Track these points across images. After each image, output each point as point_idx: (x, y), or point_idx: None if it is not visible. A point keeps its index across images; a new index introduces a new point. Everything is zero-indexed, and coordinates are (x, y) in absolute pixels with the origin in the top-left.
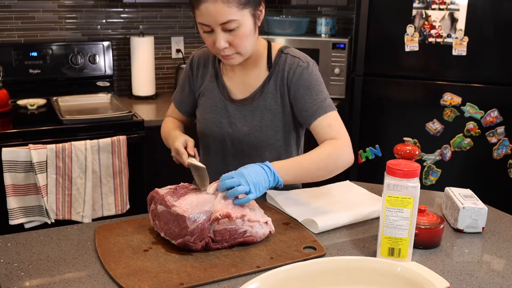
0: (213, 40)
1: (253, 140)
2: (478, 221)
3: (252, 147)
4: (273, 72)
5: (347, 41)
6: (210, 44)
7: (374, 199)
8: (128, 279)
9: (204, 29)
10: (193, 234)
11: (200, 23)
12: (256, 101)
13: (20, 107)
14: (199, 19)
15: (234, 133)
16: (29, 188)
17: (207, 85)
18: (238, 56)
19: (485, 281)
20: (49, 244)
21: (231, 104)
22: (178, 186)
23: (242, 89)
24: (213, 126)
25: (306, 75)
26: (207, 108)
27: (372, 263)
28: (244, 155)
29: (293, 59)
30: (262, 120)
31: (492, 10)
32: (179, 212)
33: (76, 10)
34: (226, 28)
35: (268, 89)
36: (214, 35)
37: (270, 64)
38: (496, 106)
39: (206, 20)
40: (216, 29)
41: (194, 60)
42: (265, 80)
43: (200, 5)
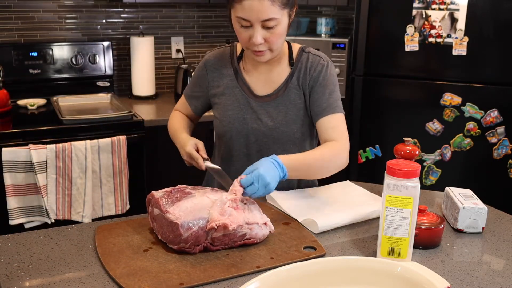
0: (249, 35)
1: (279, 135)
2: (478, 221)
3: (277, 142)
4: (295, 69)
5: (347, 41)
6: (245, 38)
7: (374, 199)
8: (128, 279)
9: (243, 23)
10: (187, 241)
11: (239, 17)
12: (280, 97)
13: (20, 107)
14: (240, 13)
15: (259, 128)
16: (29, 188)
17: (227, 84)
18: (269, 53)
19: (485, 281)
20: (49, 244)
21: (255, 100)
22: (174, 189)
23: (265, 86)
24: (237, 123)
25: (324, 74)
26: (229, 106)
27: (372, 263)
28: (269, 149)
29: (315, 57)
30: (287, 115)
31: (492, 10)
32: (172, 219)
33: (76, 10)
34: (266, 25)
35: (291, 85)
36: (251, 30)
37: (292, 61)
38: (496, 106)
39: (248, 15)
40: (256, 25)
41: (210, 62)
42: (288, 76)
43: (243, 1)
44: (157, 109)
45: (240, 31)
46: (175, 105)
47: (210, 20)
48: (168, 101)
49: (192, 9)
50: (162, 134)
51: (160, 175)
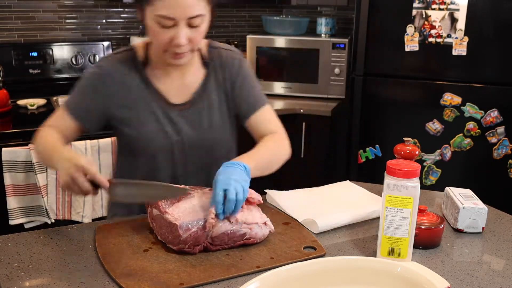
0: (171, 35)
1: (206, 143)
2: (478, 221)
3: (204, 151)
4: (210, 69)
5: (347, 41)
6: (165, 40)
7: (374, 199)
8: (128, 279)
9: (165, 23)
10: (186, 242)
11: (160, 16)
12: (200, 101)
13: (20, 107)
14: (161, 11)
15: (183, 139)
16: (29, 188)
17: (137, 96)
18: (189, 54)
19: (485, 281)
20: (49, 244)
21: (172, 110)
22: None
23: (180, 92)
24: (159, 139)
25: (242, 69)
26: (145, 121)
27: (372, 263)
28: (195, 160)
29: (227, 53)
30: (211, 120)
31: (492, 10)
32: (171, 220)
33: (76, 10)
34: (192, 23)
35: (210, 87)
36: (173, 30)
37: (205, 61)
38: (496, 106)
39: (173, 12)
40: (181, 23)
41: (108, 72)
42: (205, 78)
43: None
44: None
45: (159, 33)
46: (48, 121)
47: None
48: None
49: None
50: None
51: None
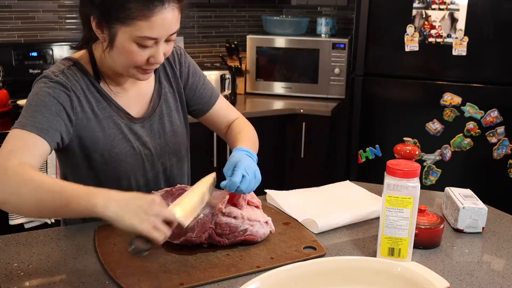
0: (150, 54)
1: (172, 148)
2: (478, 221)
3: (172, 156)
4: (159, 70)
5: (347, 41)
6: (142, 59)
7: (374, 199)
8: (128, 279)
9: (147, 43)
10: (194, 230)
11: (144, 37)
12: (159, 108)
13: (20, 107)
14: (146, 33)
15: (151, 152)
16: None
17: (100, 114)
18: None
19: (485, 281)
20: (49, 244)
21: (136, 123)
22: (174, 188)
23: (138, 103)
24: (129, 158)
25: (188, 62)
26: (113, 141)
27: (372, 263)
28: (165, 168)
29: None
30: (173, 123)
31: (492, 10)
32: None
33: (76, 10)
34: (170, 38)
35: (164, 90)
36: (153, 49)
37: None
38: (496, 106)
39: (157, 32)
40: (161, 41)
41: (70, 86)
42: (156, 82)
43: (152, 15)
44: None
45: (137, 52)
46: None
47: (210, 20)
48: None
49: (192, 9)
50: None
51: None
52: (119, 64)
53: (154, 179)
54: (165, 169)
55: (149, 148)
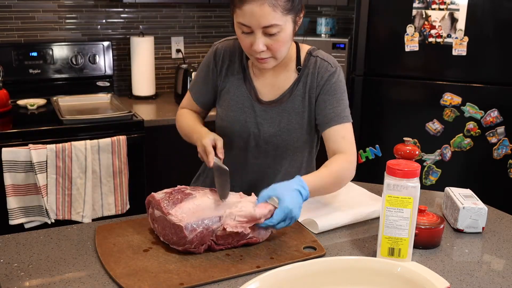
0: (250, 41)
1: (279, 142)
2: (478, 221)
3: (277, 149)
4: (302, 74)
5: (347, 41)
6: (246, 45)
7: (374, 199)
8: (128, 279)
9: (244, 29)
10: (193, 242)
11: (239, 23)
12: (285, 103)
13: (20, 107)
14: (240, 19)
15: (260, 133)
16: (29, 188)
17: (233, 82)
18: (272, 61)
19: (485, 281)
20: (49, 244)
21: (259, 105)
22: (174, 190)
23: (271, 91)
24: (238, 125)
25: (332, 81)
26: (233, 106)
27: (372, 263)
28: (267, 155)
29: (323, 63)
30: (290, 122)
31: (492, 10)
32: (175, 221)
33: (76, 10)
34: (267, 32)
35: (297, 92)
36: (252, 37)
37: (299, 66)
38: (496, 106)
39: (248, 21)
40: (257, 31)
41: (219, 53)
42: (294, 82)
43: (243, 5)
44: (157, 109)
45: (242, 38)
46: (181, 103)
47: (210, 20)
48: (168, 101)
49: (192, 9)
50: (162, 134)
51: (160, 175)
52: None
53: (255, 157)
54: (266, 156)
55: (259, 129)
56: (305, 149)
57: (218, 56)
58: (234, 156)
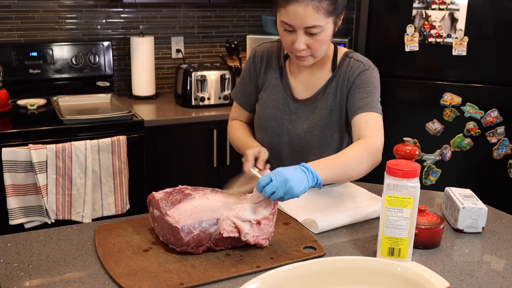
0: (292, 40)
1: (312, 138)
2: (478, 221)
3: (309, 145)
4: (336, 73)
5: (347, 41)
6: (288, 42)
7: (374, 199)
8: (128, 279)
9: (286, 28)
10: (189, 244)
11: (283, 22)
12: (318, 101)
13: (20, 107)
14: (283, 18)
15: (293, 130)
16: (29, 188)
17: (271, 81)
18: (311, 59)
19: (485, 281)
20: (49, 244)
21: (294, 103)
22: (174, 190)
23: (306, 89)
24: (273, 122)
25: (364, 76)
26: (269, 104)
27: (372, 263)
28: (301, 152)
29: (356, 63)
30: (322, 119)
31: (492, 10)
32: (172, 223)
33: (76, 10)
34: (309, 31)
35: (330, 90)
36: (294, 35)
37: (335, 66)
38: (496, 106)
39: (291, 20)
40: (299, 31)
41: (257, 56)
42: (328, 80)
43: (288, 5)
44: (157, 109)
45: (284, 35)
46: (231, 115)
47: (210, 20)
48: (168, 101)
49: (192, 9)
50: (162, 134)
51: (160, 175)
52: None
53: (289, 154)
54: (301, 153)
55: (293, 126)
56: (337, 147)
57: (256, 58)
58: (275, 151)
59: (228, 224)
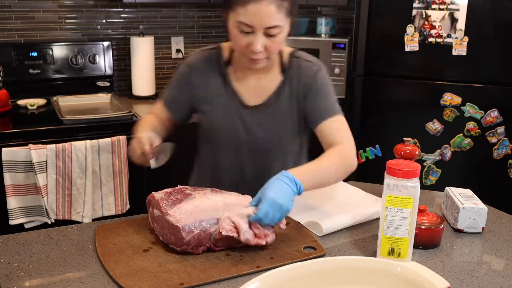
0: (249, 41)
1: (272, 146)
2: (478, 221)
3: (270, 153)
4: (287, 76)
5: (347, 41)
6: (243, 44)
7: (374, 200)
8: (128, 279)
9: (244, 29)
10: (190, 244)
11: (240, 22)
12: (272, 106)
13: (20, 107)
14: (242, 18)
15: (251, 139)
16: (29, 188)
17: (215, 92)
18: (265, 61)
19: (485, 281)
20: (49, 244)
21: (245, 110)
22: (174, 190)
23: (255, 94)
24: (228, 134)
25: (317, 79)
26: (218, 116)
27: (372, 263)
28: (262, 160)
29: (306, 64)
30: (280, 125)
31: (492, 10)
32: (173, 222)
33: (76, 10)
34: (269, 32)
35: (284, 94)
36: (251, 37)
37: (283, 68)
38: (496, 106)
39: (251, 20)
40: (258, 31)
41: (195, 65)
42: (280, 84)
43: (248, 4)
44: None
45: (239, 37)
46: (151, 109)
47: (210, 20)
48: None
49: (192, 9)
50: None
51: (160, 175)
52: (234, 48)
53: (248, 163)
54: (260, 162)
55: (250, 136)
56: (296, 152)
57: (194, 69)
58: (226, 167)
59: (228, 223)
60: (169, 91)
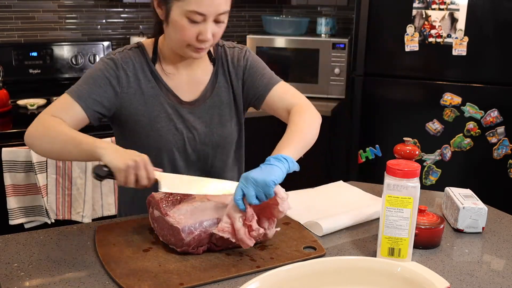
0: (197, 31)
1: (217, 139)
2: (478, 221)
3: (216, 147)
4: (218, 66)
5: (347, 41)
6: (192, 35)
7: (373, 200)
8: (128, 279)
9: (195, 18)
10: (190, 244)
11: (192, 12)
12: (210, 98)
13: (20, 107)
14: (194, 7)
15: (195, 136)
16: (29, 188)
17: (148, 92)
18: (207, 49)
19: (485, 281)
20: (49, 244)
21: (183, 107)
22: None
23: (190, 89)
24: (169, 136)
25: (249, 58)
26: (156, 118)
27: (372, 263)
28: (207, 156)
29: (233, 50)
30: (222, 116)
31: (492, 10)
32: (173, 223)
33: (76, 10)
34: (218, 19)
35: (219, 84)
36: (201, 26)
37: (211, 58)
38: (496, 106)
39: (205, 9)
40: (209, 19)
41: (121, 64)
42: (212, 75)
43: None
44: None
45: (188, 28)
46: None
47: None
48: None
49: None
50: None
51: None
52: (174, 41)
53: (194, 163)
54: (206, 158)
55: (192, 133)
56: (238, 140)
57: (120, 68)
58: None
59: (226, 223)
60: (88, 89)
